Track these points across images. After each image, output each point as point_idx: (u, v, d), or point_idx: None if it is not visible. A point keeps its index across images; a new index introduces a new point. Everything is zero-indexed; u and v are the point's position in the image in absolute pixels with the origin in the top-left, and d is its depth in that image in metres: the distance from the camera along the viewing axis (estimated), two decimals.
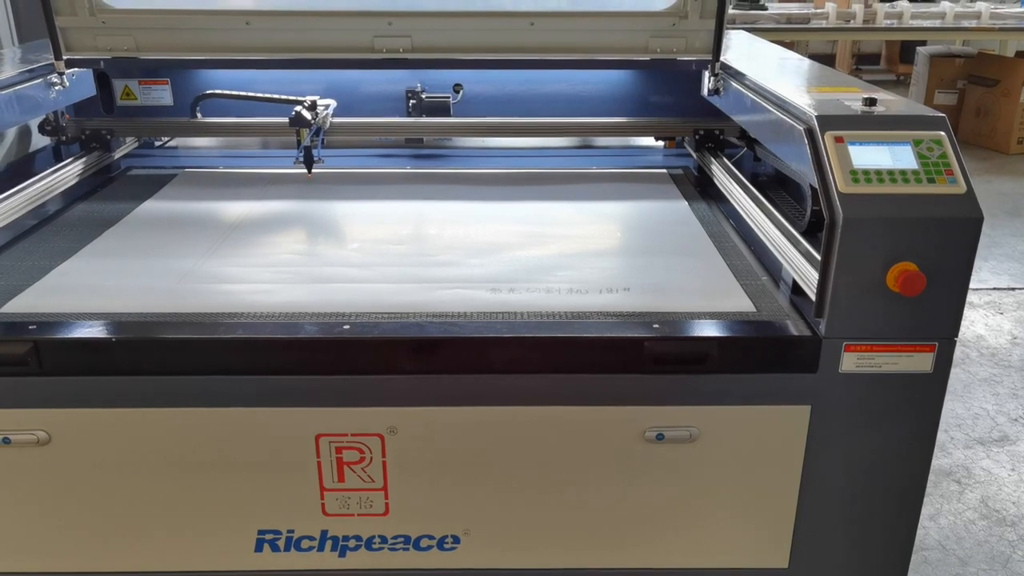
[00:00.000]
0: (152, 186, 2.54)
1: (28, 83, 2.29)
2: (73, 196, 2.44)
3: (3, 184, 2.22)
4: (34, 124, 2.66)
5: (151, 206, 2.38)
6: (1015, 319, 4.67)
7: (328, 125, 2.56)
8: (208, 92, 2.69)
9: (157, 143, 2.98)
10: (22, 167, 2.55)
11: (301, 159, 2.44)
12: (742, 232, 2.18)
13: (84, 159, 2.61)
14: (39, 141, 2.70)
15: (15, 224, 2.15)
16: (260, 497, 1.76)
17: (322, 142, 2.52)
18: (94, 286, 1.86)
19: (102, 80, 2.73)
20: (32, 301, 1.78)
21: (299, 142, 2.41)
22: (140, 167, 2.78)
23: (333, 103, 2.61)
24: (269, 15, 2.52)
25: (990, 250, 5.58)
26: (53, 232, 2.18)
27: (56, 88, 2.42)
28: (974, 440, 3.50)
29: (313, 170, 2.52)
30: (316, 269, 1.97)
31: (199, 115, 2.73)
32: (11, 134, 2.61)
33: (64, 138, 2.68)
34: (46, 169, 2.43)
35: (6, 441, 1.67)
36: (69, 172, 2.49)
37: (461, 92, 2.79)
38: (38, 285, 1.86)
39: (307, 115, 2.37)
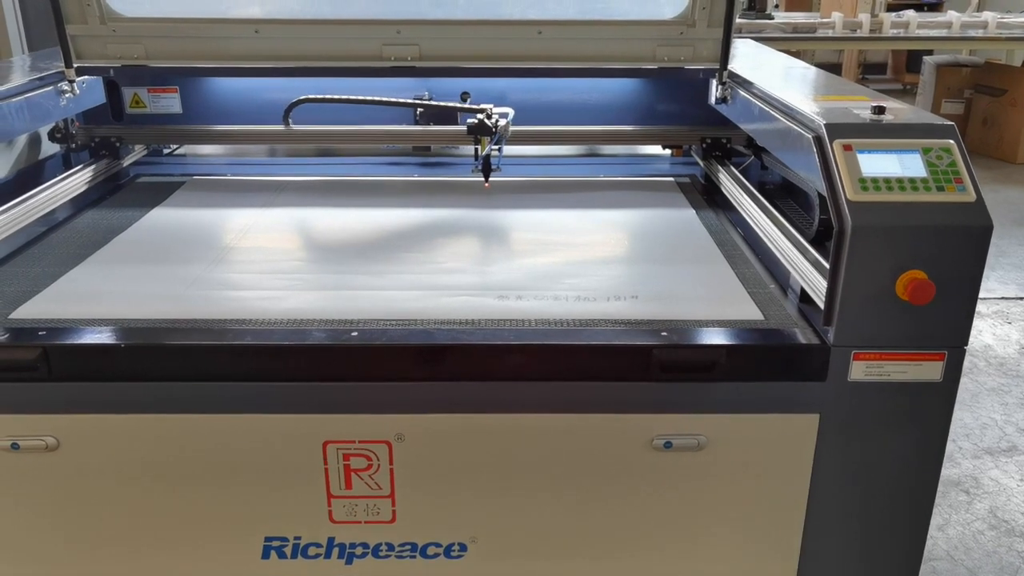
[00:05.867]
0: (161, 193, 2.55)
1: (38, 91, 2.31)
2: (82, 203, 2.44)
3: (13, 191, 2.23)
4: (44, 131, 2.67)
5: (160, 213, 2.39)
6: (1023, 329, 4.65)
7: (509, 134, 2.46)
8: (303, 97, 2.59)
9: (166, 150, 3.00)
10: (32, 174, 2.57)
11: (479, 168, 2.38)
12: (750, 240, 2.17)
13: (93, 166, 2.62)
14: (49, 148, 2.72)
15: (25, 231, 2.16)
16: (267, 504, 1.75)
17: (501, 151, 2.43)
18: (103, 293, 1.86)
19: (111, 88, 2.74)
20: (41, 307, 1.79)
21: (477, 151, 2.33)
22: (149, 174, 2.79)
23: (511, 111, 2.49)
24: (278, 23, 2.54)
25: (997, 259, 5.57)
26: (62, 239, 2.18)
27: (66, 96, 2.43)
28: (982, 450, 3.48)
29: (325, 177, 2.48)
30: (324, 276, 1.98)
31: (291, 123, 2.63)
32: (21, 141, 2.63)
33: (73, 145, 2.69)
34: (55, 176, 2.44)
35: (15, 447, 1.68)
36: (78, 179, 2.50)
37: (468, 100, 2.80)
38: (47, 291, 1.86)
39: (488, 124, 2.31)
